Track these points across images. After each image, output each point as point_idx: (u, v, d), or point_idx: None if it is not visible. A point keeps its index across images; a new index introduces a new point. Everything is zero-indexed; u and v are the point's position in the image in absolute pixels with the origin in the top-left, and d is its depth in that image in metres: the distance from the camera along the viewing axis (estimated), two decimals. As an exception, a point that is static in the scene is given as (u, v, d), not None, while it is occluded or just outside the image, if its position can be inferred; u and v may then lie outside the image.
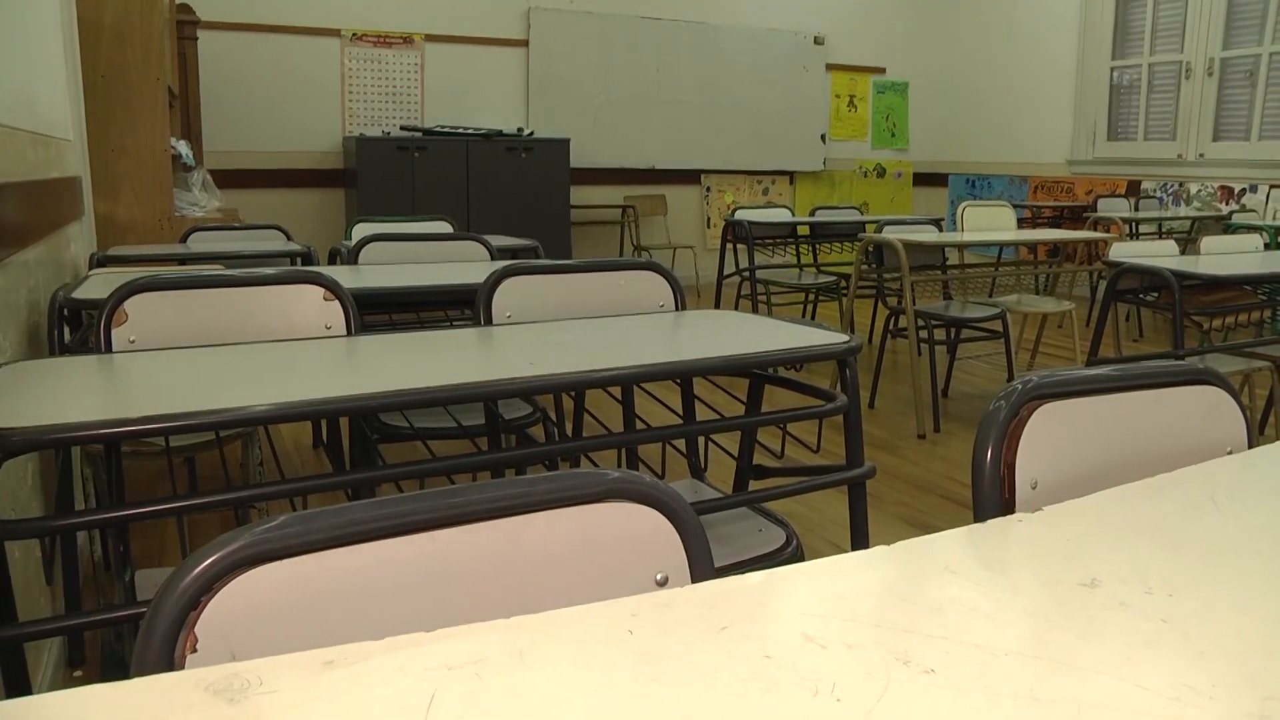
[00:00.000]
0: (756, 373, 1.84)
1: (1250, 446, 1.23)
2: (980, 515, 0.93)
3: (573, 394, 2.72)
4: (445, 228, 4.04)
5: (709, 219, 9.29)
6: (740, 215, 5.67)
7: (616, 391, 2.36)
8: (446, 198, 7.47)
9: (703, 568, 0.82)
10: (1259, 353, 3.89)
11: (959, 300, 4.88)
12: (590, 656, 0.63)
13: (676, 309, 2.05)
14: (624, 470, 0.84)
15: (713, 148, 9.22)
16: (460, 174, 7.57)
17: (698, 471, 2.11)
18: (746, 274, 5.50)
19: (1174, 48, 8.31)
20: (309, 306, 1.99)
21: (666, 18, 8.83)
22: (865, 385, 5.01)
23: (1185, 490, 1.01)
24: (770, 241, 5.84)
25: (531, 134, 8.03)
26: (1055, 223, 8.24)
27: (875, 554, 0.80)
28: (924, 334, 4.55)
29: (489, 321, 1.94)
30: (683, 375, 1.57)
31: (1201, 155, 8.13)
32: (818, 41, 9.60)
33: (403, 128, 7.73)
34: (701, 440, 2.26)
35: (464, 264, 2.93)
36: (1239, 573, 0.81)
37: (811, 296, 5.98)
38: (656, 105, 8.88)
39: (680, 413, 2.06)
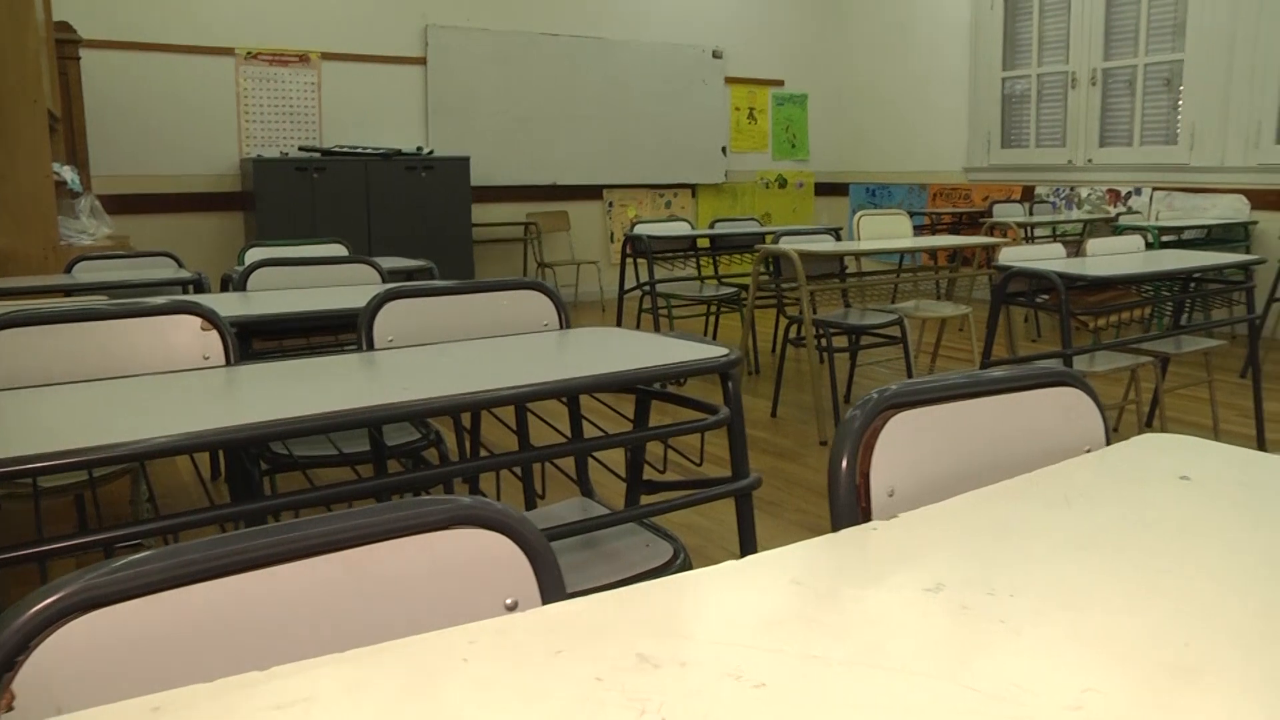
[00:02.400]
0: (642, 389, 1.84)
1: (1109, 444, 1.26)
2: (837, 524, 0.94)
3: (458, 416, 2.70)
4: (340, 250, 3.98)
5: (612, 234, 9.29)
6: (640, 230, 5.68)
7: (510, 413, 2.34)
8: (347, 219, 7.37)
9: (553, 591, 0.81)
10: (1144, 348, 4.01)
11: (858, 308, 4.95)
12: (422, 687, 0.62)
13: (561, 327, 2.05)
14: (473, 497, 0.83)
15: (614, 163, 9.23)
16: (360, 194, 7.47)
17: (587, 489, 2.10)
18: (647, 288, 5.51)
19: (1060, 59, 8.59)
20: (186, 337, 1.94)
21: (565, 34, 8.82)
22: (767, 394, 5.06)
23: (1040, 491, 1.03)
24: (671, 255, 5.87)
25: (431, 153, 7.97)
26: (955, 229, 8.43)
27: (725, 569, 0.80)
28: (825, 342, 4.60)
29: (371, 346, 1.92)
30: (562, 394, 1.56)
31: (1090, 160, 8.40)
32: (716, 55, 9.69)
33: (301, 148, 7.61)
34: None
35: (354, 288, 2.90)
36: (1082, 570, 0.83)
37: (713, 308, 6.00)
38: (557, 121, 8.86)
39: (569, 432, 2.06)
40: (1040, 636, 0.70)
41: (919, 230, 8.11)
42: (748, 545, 1.75)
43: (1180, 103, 7.78)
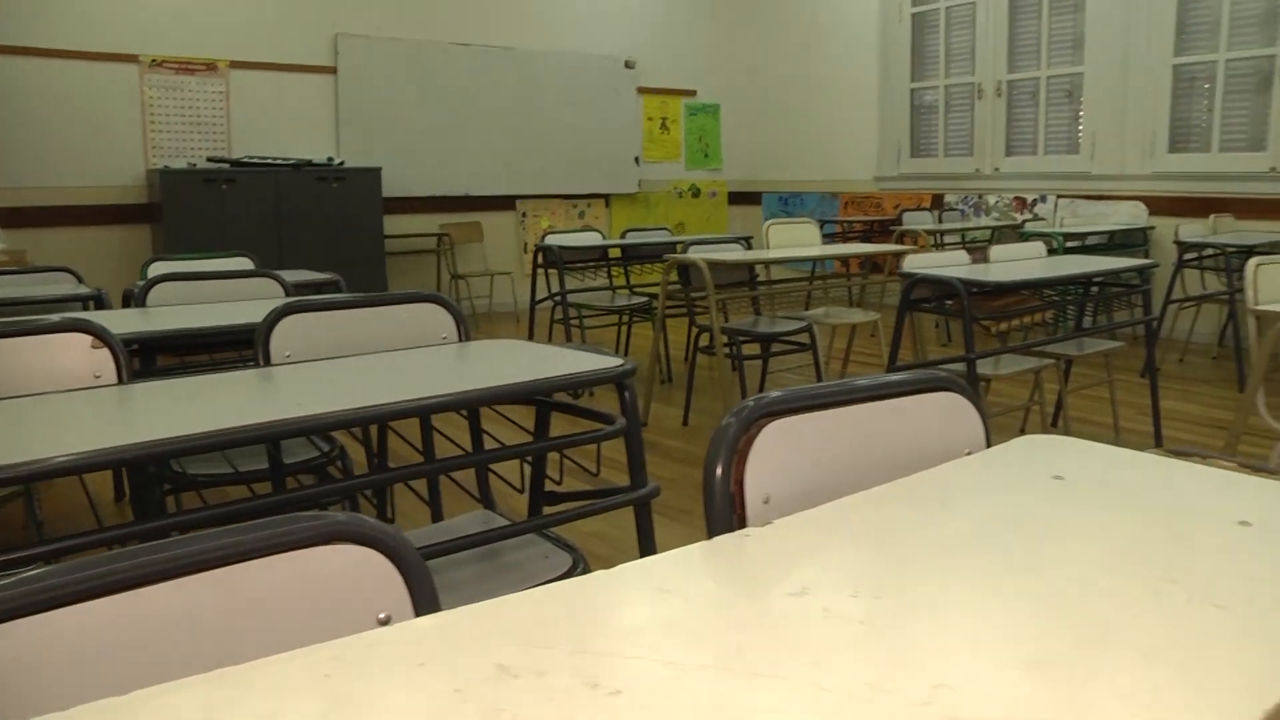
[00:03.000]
0: (541, 400, 1.85)
1: (989, 446, 1.30)
2: (713, 532, 0.95)
3: (367, 431, 2.68)
4: (246, 264, 3.92)
5: (526, 244, 9.26)
6: (550, 240, 5.67)
7: (412, 428, 2.33)
8: (257, 231, 7.24)
9: (426, 604, 0.81)
10: (1047, 351, 4.12)
11: (769, 315, 5.01)
12: (282, 705, 0.62)
13: (460, 340, 2.05)
14: (349, 514, 0.83)
15: (527, 173, 9.22)
16: (271, 206, 7.36)
17: (489, 502, 2.10)
18: (559, 299, 5.51)
19: (966, 71, 8.80)
20: (76, 356, 1.90)
21: (476, 43, 8.79)
22: (679, 403, 5.08)
23: (916, 494, 1.06)
24: (582, 265, 5.87)
25: (343, 163, 7.88)
26: (866, 237, 8.56)
27: (596, 578, 0.81)
28: (735, 349, 4.65)
29: (268, 362, 1.90)
30: (457, 407, 1.56)
31: (997, 169, 8.60)
32: (628, 65, 9.74)
33: (209, 159, 7.47)
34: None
35: (255, 302, 2.85)
36: (948, 570, 0.85)
37: (626, 318, 6.03)
38: (470, 132, 8.82)
39: (472, 446, 2.06)
40: (898, 636, 0.72)
41: (831, 238, 8.23)
42: (647, 553, 1.76)
43: (1081, 114, 8.01)
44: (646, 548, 1.75)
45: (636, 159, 9.91)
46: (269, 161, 7.49)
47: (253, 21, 7.75)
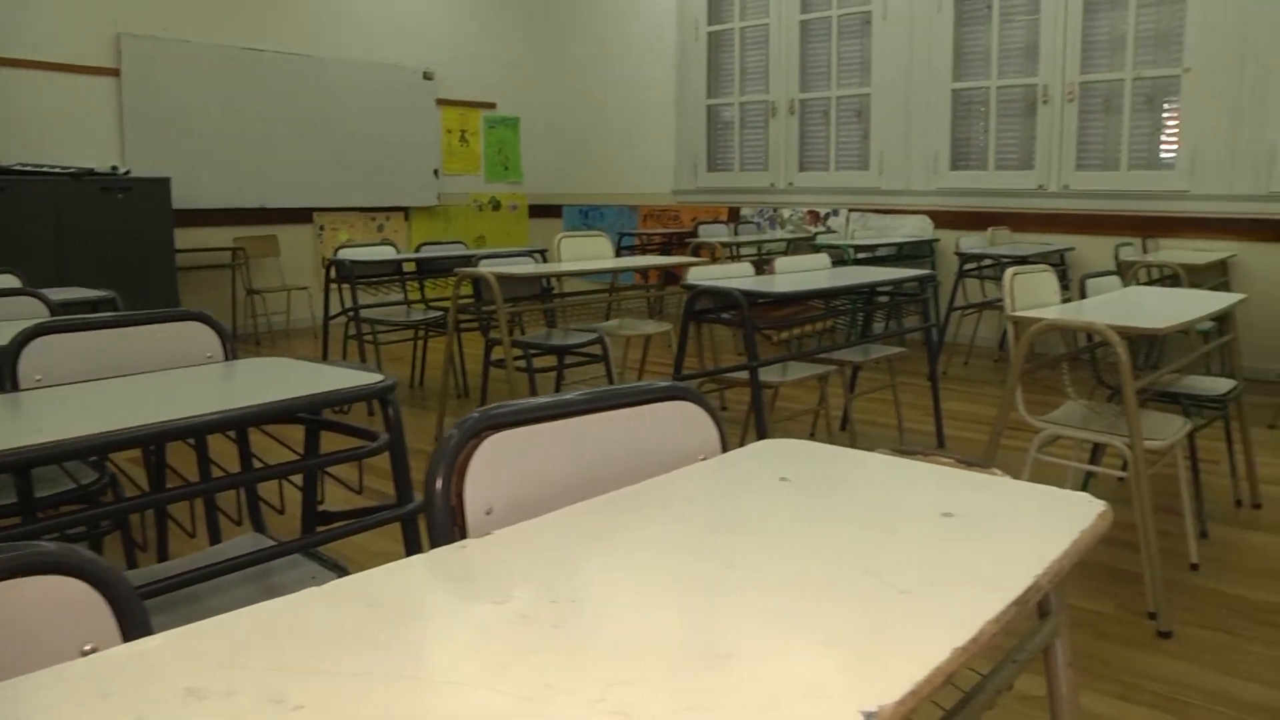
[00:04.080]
0: (308, 419, 1.83)
1: (725, 451, 1.35)
2: (434, 542, 0.98)
3: (148, 452, 2.58)
4: (12, 281, 3.72)
5: (324, 258, 8.98)
6: (343, 254, 5.57)
7: (180, 452, 2.27)
8: (34, 245, 6.81)
9: (136, 632, 0.81)
10: (832, 358, 4.30)
11: (563, 328, 5.06)
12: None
13: (226, 359, 2.01)
14: (57, 544, 0.82)
15: (325, 185, 9.01)
16: (49, 218, 6.93)
17: (258, 525, 2.07)
18: (352, 314, 5.42)
19: (761, 89, 9.10)
20: None
21: (271, 49, 8.54)
22: (476, 417, 5.05)
23: (641, 500, 1.10)
24: (377, 279, 5.79)
25: (128, 173, 7.51)
26: (665, 249, 8.74)
27: (305, 595, 0.83)
28: (528, 362, 4.67)
29: (16, 387, 1.82)
30: (214, 429, 1.54)
31: (791, 184, 8.93)
32: (427, 77, 9.66)
33: (-27, 167, 7.02)
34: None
35: (13, 323, 2.72)
36: (654, 572, 0.90)
37: (422, 333, 5.98)
38: (265, 141, 8.55)
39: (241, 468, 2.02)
40: (588, 638, 0.75)
41: (631, 250, 8.37)
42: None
43: (870, 132, 8.40)
44: (413, 563, 1.75)
45: (436, 171, 9.84)
46: (44, 170, 7.07)
47: (24, 17, 7.27)
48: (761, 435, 3.62)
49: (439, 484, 0.98)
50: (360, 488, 1.99)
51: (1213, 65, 6.64)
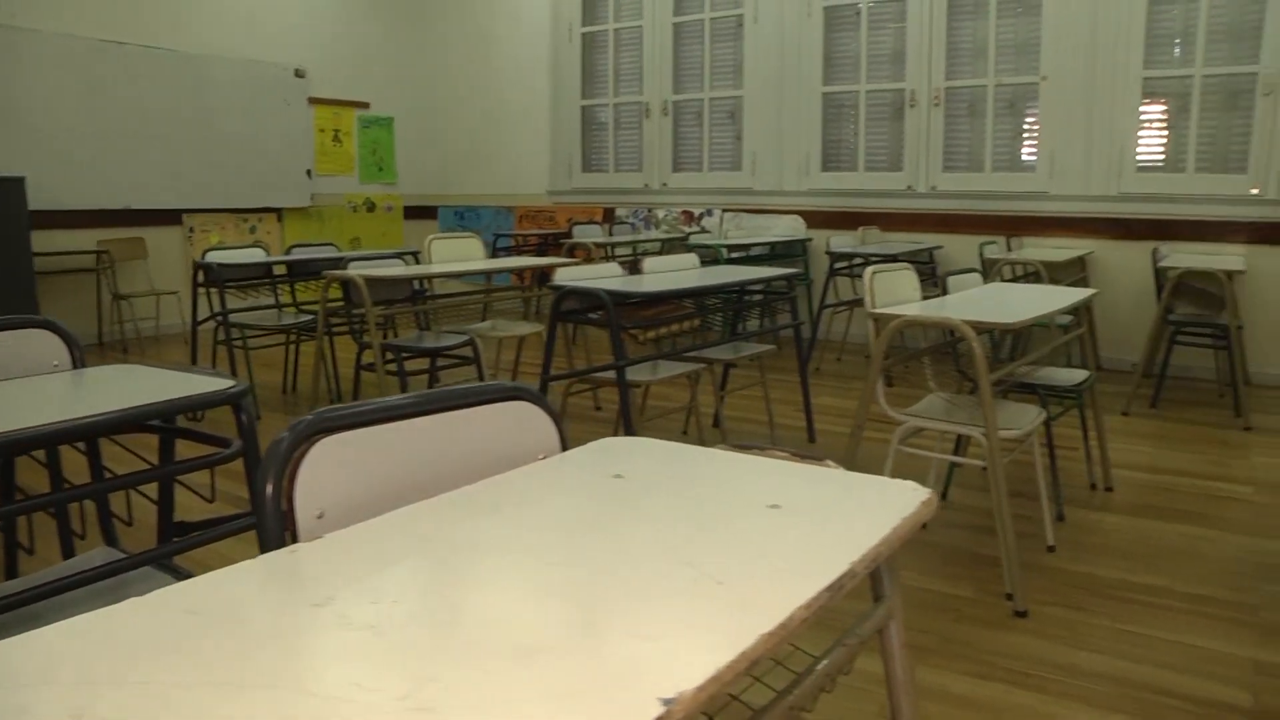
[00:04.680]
0: (162, 427, 1.82)
1: (565, 450, 1.39)
2: (264, 547, 0.99)
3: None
4: None
5: (194, 261, 8.74)
6: (211, 257, 5.45)
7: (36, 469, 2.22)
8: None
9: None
10: (702, 356, 4.38)
11: (435, 330, 5.05)
12: None
13: (74, 367, 1.97)
14: None
15: (194, 185, 8.72)
16: (-113, 221, 6.59)
17: (110, 538, 2.03)
18: (221, 319, 5.32)
19: (635, 90, 9.18)
20: None
21: (134, 43, 8.20)
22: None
23: (476, 500, 1.12)
24: (247, 283, 5.67)
25: (-22, 173, 7.18)
26: (541, 250, 8.74)
27: (129, 605, 0.83)
28: (399, 365, 4.65)
29: None
30: (60, 439, 1.52)
31: (665, 184, 9.03)
32: (299, 75, 9.46)
33: None
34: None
35: None
36: (474, 571, 0.92)
37: (293, 337, 5.88)
38: (130, 139, 8.23)
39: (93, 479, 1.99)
40: (403, 639, 0.77)
41: (507, 251, 8.36)
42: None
43: (743, 134, 8.55)
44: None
45: (309, 172, 9.63)
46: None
47: None
48: (629, 434, 3.67)
49: (269, 488, 0.99)
50: (213, 495, 1.97)
51: (1067, 74, 6.97)
